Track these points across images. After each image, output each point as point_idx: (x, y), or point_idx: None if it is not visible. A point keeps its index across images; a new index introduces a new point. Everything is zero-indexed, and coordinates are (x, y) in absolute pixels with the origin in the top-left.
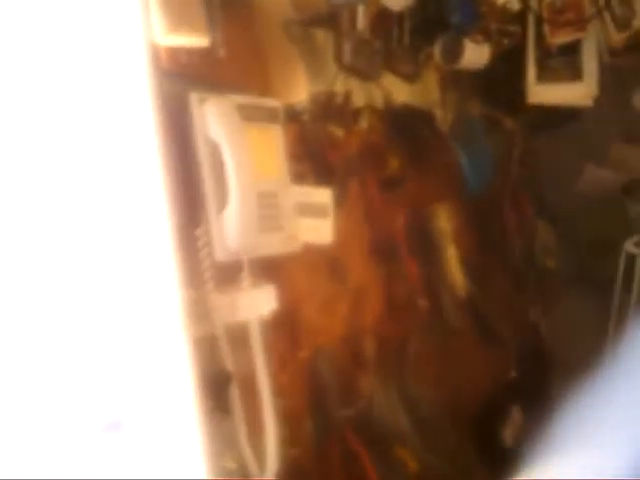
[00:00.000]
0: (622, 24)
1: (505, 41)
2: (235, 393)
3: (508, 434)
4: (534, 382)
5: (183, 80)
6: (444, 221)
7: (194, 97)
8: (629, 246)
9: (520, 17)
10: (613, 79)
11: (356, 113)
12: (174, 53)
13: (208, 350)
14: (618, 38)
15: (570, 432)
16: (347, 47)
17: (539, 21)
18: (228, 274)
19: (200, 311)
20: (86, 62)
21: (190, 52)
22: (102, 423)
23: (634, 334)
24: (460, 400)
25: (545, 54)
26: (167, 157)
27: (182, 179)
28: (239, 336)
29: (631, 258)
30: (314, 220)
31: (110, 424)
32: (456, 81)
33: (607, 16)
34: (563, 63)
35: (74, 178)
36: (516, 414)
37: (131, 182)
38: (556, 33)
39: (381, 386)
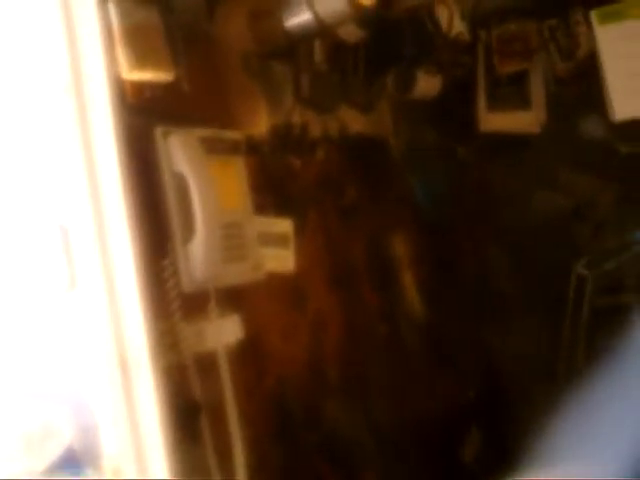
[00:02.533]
0: (567, 55)
1: (457, 71)
2: (204, 422)
3: (467, 454)
4: (490, 402)
5: (148, 114)
6: (401, 248)
7: (159, 131)
8: (579, 268)
9: (471, 48)
10: (560, 107)
11: (313, 144)
12: (139, 88)
13: (177, 380)
14: (563, 68)
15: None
16: (304, 80)
17: (489, 52)
18: (195, 304)
19: (168, 342)
20: (51, 95)
21: (154, 87)
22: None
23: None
24: (421, 422)
25: (495, 83)
26: (133, 190)
27: (148, 211)
28: (207, 365)
29: (581, 280)
30: (276, 250)
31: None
32: (409, 111)
33: (553, 47)
34: (512, 92)
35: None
36: (475, 434)
37: (97, 215)
38: (505, 63)
39: (345, 411)
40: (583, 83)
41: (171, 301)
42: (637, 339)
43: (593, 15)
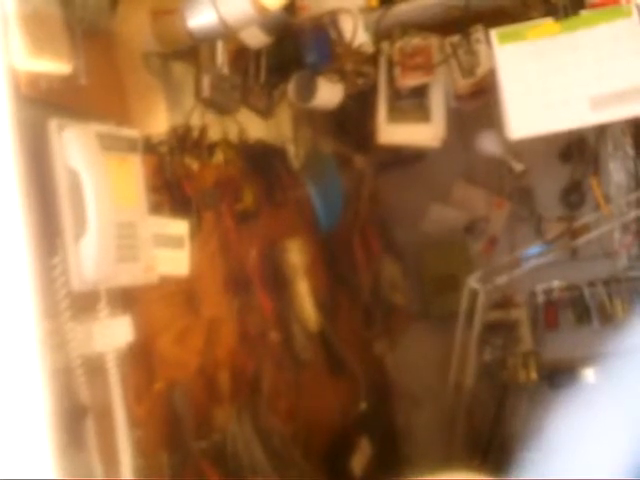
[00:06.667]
0: (467, 71)
1: (360, 81)
2: (90, 426)
3: (357, 464)
4: (380, 413)
5: (43, 106)
6: (296, 255)
7: (53, 123)
8: (472, 282)
9: (375, 59)
10: (458, 123)
11: (211, 147)
12: (34, 78)
13: (64, 382)
14: (463, 84)
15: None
16: (206, 81)
17: (391, 64)
18: (85, 304)
19: (56, 342)
20: None
21: (51, 78)
22: None
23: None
24: (312, 432)
25: (396, 96)
26: (24, 184)
27: (39, 206)
28: (96, 368)
29: (474, 293)
30: (170, 251)
31: None
32: (309, 118)
33: (454, 63)
34: (413, 105)
35: None
36: (364, 444)
37: None
38: (406, 76)
39: (235, 418)
40: (481, 100)
41: (60, 300)
42: None
43: (493, 34)
